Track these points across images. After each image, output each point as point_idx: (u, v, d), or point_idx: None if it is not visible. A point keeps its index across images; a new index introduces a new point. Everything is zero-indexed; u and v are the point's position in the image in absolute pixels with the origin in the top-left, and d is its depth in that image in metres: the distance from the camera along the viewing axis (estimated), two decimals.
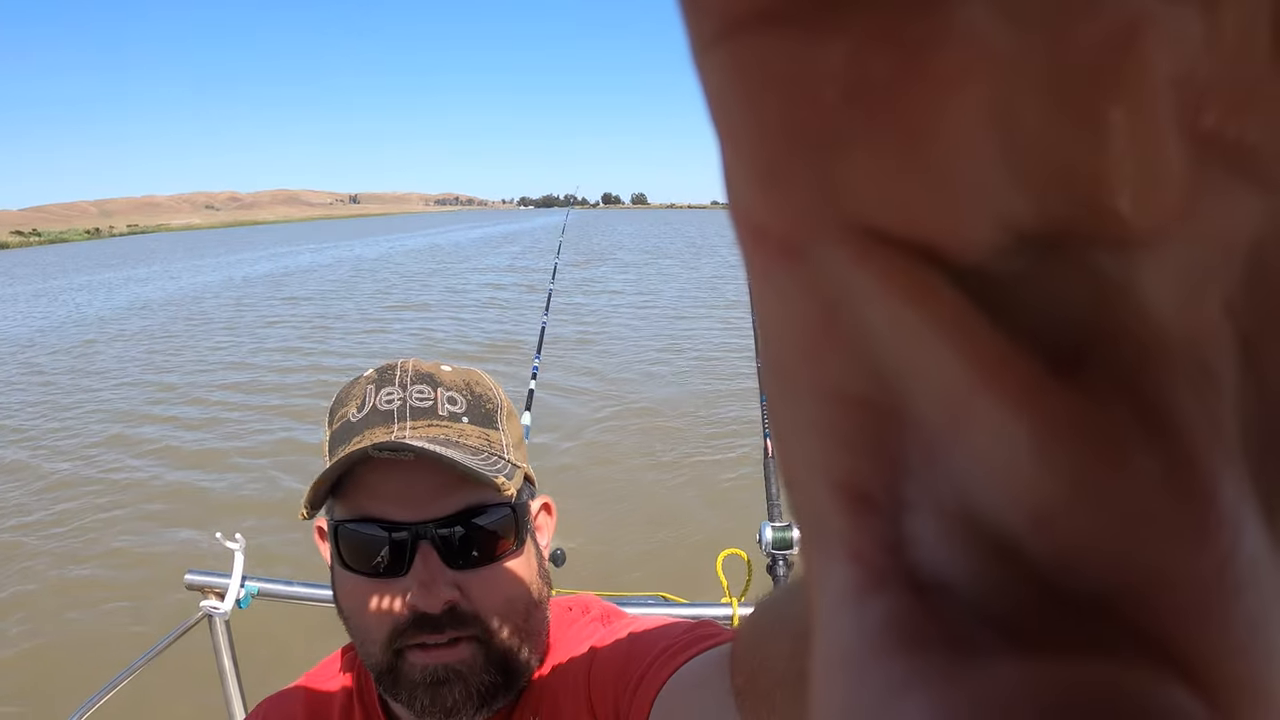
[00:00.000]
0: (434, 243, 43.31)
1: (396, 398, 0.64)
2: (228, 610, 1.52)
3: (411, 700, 0.62)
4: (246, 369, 9.92)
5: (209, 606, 1.51)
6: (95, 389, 9.20)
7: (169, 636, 1.48)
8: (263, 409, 7.93)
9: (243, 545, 1.55)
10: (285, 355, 10.81)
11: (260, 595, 1.57)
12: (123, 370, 10.21)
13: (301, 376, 9.31)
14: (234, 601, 1.52)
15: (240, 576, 1.54)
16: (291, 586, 1.62)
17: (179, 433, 7.21)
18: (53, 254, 48.14)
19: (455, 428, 0.64)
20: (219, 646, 1.56)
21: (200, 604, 1.52)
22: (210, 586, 1.53)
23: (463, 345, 11.73)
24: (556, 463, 5.71)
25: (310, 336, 12.38)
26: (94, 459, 6.54)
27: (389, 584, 0.61)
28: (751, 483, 2.39)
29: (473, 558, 0.62)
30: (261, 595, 1.57)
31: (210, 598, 1.52)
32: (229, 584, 1.53)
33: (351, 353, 10.64)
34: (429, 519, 0.61)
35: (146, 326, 14.29)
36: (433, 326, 13.75)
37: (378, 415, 0.63)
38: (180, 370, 9.96)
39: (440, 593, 0.60)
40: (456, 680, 0.61)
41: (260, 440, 6.90)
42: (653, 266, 25.46)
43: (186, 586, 1.54)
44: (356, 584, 0.63)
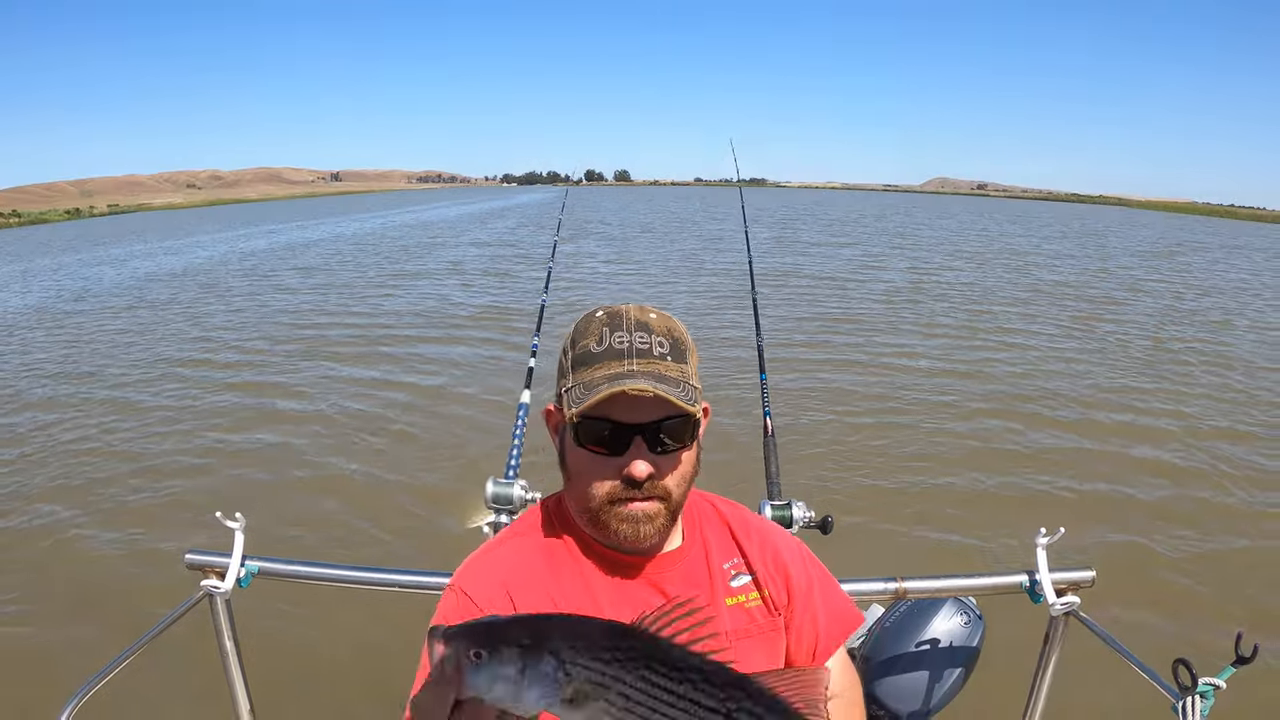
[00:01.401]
0: (424, 219, 43.01)
1: (624, 340, 0.96)
2: (228, 589, 1.52)
3: (618, 535, 0.98)
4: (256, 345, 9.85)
5: (209, 586, 1.51)
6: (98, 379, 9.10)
7: (170, 616, 1.48)
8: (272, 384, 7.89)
9: (243, 525, 1.54)
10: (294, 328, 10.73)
11: (261, 574, 1.57)
12: (128, 349, 10.11)
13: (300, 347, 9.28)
14: (234, 580, 1.52)
15: (240, 556, 1.53)
16: (292, 565, 1.62)
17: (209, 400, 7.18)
18: (44, 233, 47.44)
19: (663, 365, 0.96)
20: (220, 626, 1.55)
21: (201, 583, 1.51)
22: (211, 566, 1.52)
23: (470, 310, 12.25)
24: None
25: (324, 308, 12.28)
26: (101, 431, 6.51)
27: (612, 461, 0.96)
28: (750, 460, 2.39)
29: (666, 446, 0.97)
30: (262, 574, 1.57)
31: (211, 577, 1.52)
32: (229, 563, 1.52)
33: (350, 320, 10.60)
34: (642, 422, 0.95)
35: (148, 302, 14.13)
36: (445, 293, 14.25)
37: (613, 352, 0.96)
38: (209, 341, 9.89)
39: (645, 468, 0.95)
40: (648, 521, 0.98)
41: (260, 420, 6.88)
42: (640, 240, 25.45)
43: (187, 565, 1.53)
44: (589, 457, 0.97)
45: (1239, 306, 13.56)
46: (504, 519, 1.81)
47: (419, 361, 8.87)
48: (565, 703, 0.61)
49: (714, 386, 7.36)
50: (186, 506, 5.09)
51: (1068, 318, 11.53)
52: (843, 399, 7.09)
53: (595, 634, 0.62)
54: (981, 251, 23.33)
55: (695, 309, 11.76)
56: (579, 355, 0.98)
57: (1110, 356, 8.89)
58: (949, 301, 12.99)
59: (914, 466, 5.57)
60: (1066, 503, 5.02)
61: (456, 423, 6.68)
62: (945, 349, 9.22)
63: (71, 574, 4.37)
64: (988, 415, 6.70)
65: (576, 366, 0.98)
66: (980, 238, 29.99)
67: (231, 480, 5.56)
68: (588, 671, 0.61)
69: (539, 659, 0.61)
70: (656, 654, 0.62)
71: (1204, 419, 6.67)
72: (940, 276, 16.61)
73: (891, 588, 1.57)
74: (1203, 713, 1.20)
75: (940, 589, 1.65)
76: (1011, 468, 5.57)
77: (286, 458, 5.94)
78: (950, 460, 5.70)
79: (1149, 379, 7.90)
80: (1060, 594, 1.52)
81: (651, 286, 14.95)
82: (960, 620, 1.80)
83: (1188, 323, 11.51)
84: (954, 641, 1.78)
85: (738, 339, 9.22)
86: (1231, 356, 9.19)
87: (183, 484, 5.51)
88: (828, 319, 11.12)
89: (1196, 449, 5.95)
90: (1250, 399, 7.34)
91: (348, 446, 6.14)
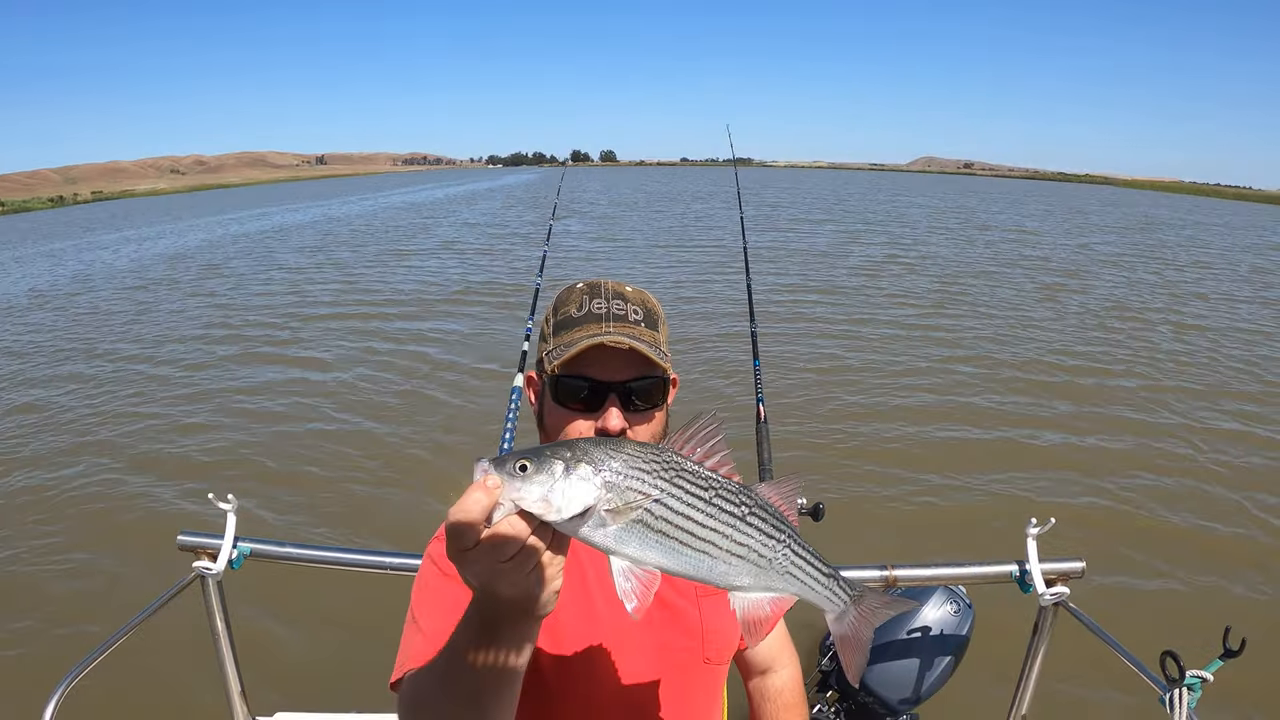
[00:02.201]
0: (413, 200, 42.76)
1: (602, 306, 1.03)
2: (220, 571, 1.51)
3: None
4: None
5: (201, 567, 1.50)
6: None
7: (162, 597, 1.47)
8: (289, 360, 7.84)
9: (235, 506, 1.53)
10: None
11: (252, 556, 1.56)
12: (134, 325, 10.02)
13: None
14: (226, 562, 1.51)
15: (232, 537, 1.52)
16: (284, 547, 1.60)
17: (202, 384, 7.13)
18: (26, 221, 46.88)
19: (637, 329, 1.03)
20: (211, 607, 1.54)
21: (193, 565, 1.50)
22: (203, 547, 1.51)
23: (465, 284, 12.57)
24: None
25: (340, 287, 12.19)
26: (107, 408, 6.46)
27: (588, 416, 1.01)
28: (741, 447, 2.40)
29: (637, 406, 1.02)
30: (254, 556, 1.56)
31: (203, 559, 1.51)
32: (221, 545, 1.51)
33: (338, 301, 10.54)
34: (616, 380, 1.01)
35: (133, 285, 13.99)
36: (439, 269, 14.54)
37: (592, 316, 1.03)
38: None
39: (618, 424, 1.00)
40: None
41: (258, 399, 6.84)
42: (627, 218, 25.39)
43: (179, 547, 1.52)
44: (566, 415, 1.02)
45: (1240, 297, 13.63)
46: None
47: (411, 340, 8.85)
48: (607, 513, 0.66)
49: (706, 374, 7.38)
50: (179, 486, 5.07)
51: (1071, 315, 11.57)
52: (837, 386, 7.10)
53: (630, 449, 0.69)
54: (993, 260, 23.36)
55: (685, 296, 11.73)
56: (560, 321, 1.05)
57: (1112, 359, 8.90)
58: (952, 295, 13.01)
59: (907, 455, 5.59)
60: (1058, 493, 5.04)
61: (448, 404, 6.67)
62: (944, 338, 9.22)
63: (59, 552, 4.35)
64: (987, 407, 6.71)
65: (558, 331, 1.05)
66: (973, 225, 30.03)
67: (219, 461, 5.53)
68: (627, 480, 0.67)
69: (580, 467, 0.66)
70: (685, 467, 0.71)
71: (1196, 414, 6.72)
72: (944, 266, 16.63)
73: (882, 575, 1.58)
74: (1190, 705, 1.21)
75: (931, 577, 1.66)
76: (1004, 458, 5.59)
77: (278, 440, 5.91)
78: (944, 449, 5.72)
79: (1148, 375, 7.92)
80: (1050, 584, 1.53)
81: (641, 263, 14.95)
82: (950, 609, 1.82)
83: (1204, 314, 11.56)
84: (944, 630, 1.80)
85: (731, 321, 9.23)
86: (1231, 349, 9.26)
87: (175, 462, 5.50)
88: (825, 322, 11.13)
89: (1191, 443, 5.98)
90: (1251, 396, 7.38)
91: (340, 430, 6.12)
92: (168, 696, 3.02)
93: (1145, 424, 6.46)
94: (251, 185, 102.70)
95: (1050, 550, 1.56)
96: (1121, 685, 2.98)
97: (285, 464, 5.46)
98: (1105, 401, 6.97)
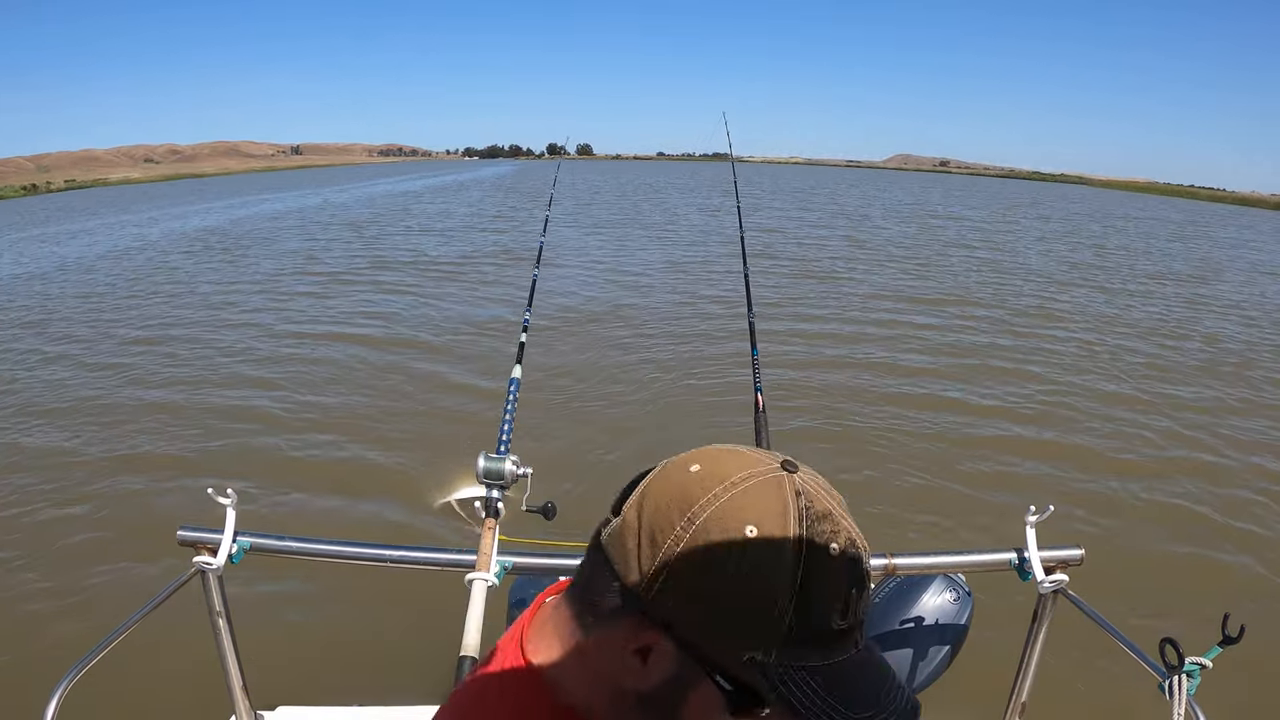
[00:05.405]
0: (391, 190, 42.43)
1: (866, 608, 0.61)
2: (220, 565, 1.49)
3: None
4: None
5: (201, 562, 1.48)
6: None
7: (162, 593, 1.45)
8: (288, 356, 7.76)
9: (234, 500, 1.52)
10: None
11: (253, 550, 1.55)
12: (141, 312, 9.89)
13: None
14: (226, 556, 1.50)
15: (233, 531, 1.51)
16: (284, 541, 1.59)
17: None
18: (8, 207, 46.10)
19: None
20: (212, 602, 1.53)
21: (193, 559, 1.48)
22: (203, 542, 1.49)
23: (463, 274, 12.68)
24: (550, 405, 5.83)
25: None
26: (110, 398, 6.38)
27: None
28: (739, 438, 2.40)
29: None
30: (254, 550, 1.55)
31: (203, 553, 1.49)
32: (221, 539, 1.50)
33: None
34: None
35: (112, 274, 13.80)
36: (446, 249, 14.99)
37: (858, 624, 0.60)
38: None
39: None
40: None
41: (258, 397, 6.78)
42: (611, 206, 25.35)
43: (179, 542, 1.50)
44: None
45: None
46: (495, 494, 1.79)
47: (409, 329, 8.82)
48: None
49: (704, 359, 7.40)
50: (178, 481, 5.03)
51: (1078, 311, 11.65)
52: (836, 374, 7.13)
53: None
54: (1000, 257, 23.48)
55: (682, 281, 11.73)
56: (819, 630, 0.58)
57: (1117, 358, 8.94)
58: (956, 282, 13.07)
59: (906, 443, 5.62)
60: (1056, 480, 5.09)
61: (447, 395, 6.66)
62: (942, 327, 9.27)
63: (60, 548, 4.31)
64: (985, 397, 6.75)
65: (807, 639, 0.57)
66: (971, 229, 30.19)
67: (218, 455, 5.49)
68: None
69: None
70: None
71: (1198, 401, 6.78)
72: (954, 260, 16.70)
73: (881, 564, 1.58)
74: (1189, 691, 1.22)
75: (930, 565, 1.67)
76: (1004, 446, 5.63)
77: (277, 434, 5.86)
78: (943, 437, 5.75)
79: (1146, 373, 7.99)
80: (1049, 572, 1.54)
81: (627, 253, 14.91)
82: (949, 597, 1.83)
83: (1204, 309, 11.67)
84: (943, 618, 1.82)
85: (729, 308, 9.24)
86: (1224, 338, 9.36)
87: (174, 457, 5.45)
88: (821, 315, 11.16)
89: (1191, 429, 6.04)
90: (1252, 384, 7.46)
91: (336, 421, 6.08)
92: (169, 692, 2.99)
93: (1141, 409, 6.52)
94: (227, 175, 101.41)
95: (1049, 538, 1.57)
96: (1121, 672, 3.01)
97: (285, 458, 5.42)
98: (1101, 389, 7.04)
